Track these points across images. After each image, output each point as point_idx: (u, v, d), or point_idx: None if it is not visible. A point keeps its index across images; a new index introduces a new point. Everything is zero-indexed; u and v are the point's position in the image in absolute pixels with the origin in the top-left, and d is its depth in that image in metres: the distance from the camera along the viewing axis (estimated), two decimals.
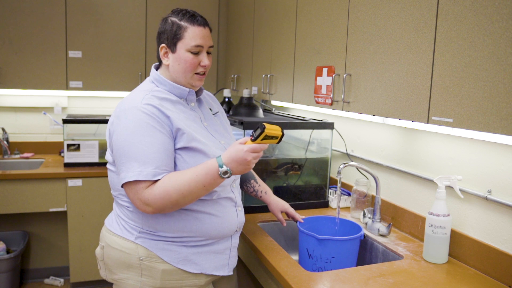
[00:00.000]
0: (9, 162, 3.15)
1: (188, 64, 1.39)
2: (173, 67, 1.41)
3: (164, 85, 1.42)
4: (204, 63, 1.41)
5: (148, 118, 1.30)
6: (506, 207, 1.40)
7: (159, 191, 1.26)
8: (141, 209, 1.30)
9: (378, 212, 1.82)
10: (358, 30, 1.59)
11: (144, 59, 3.24)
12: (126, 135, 1.31)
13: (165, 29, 1.40)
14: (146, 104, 1.32)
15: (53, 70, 3.04)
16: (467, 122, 1.13)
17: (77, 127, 3.02)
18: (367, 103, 1.54)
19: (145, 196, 1.27)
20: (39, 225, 3.26)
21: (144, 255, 1.37)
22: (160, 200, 1.26)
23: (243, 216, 1.51)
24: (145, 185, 1.27)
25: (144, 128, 1.29)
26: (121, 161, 1.31)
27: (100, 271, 1.52)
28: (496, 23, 1.04)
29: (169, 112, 1.34)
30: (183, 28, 1.37)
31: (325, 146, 2.21)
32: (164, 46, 1.41)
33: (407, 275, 1.41)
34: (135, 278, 1.39)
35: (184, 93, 1.43)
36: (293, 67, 2.12)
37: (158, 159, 1.28)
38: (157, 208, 1.28)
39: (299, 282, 1.34)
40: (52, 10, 2.99)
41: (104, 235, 1.48)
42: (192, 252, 1.39)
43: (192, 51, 1.38)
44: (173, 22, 1.39)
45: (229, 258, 1.48)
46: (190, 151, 1.35)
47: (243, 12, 2.97)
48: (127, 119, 1.32)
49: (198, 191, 1.29)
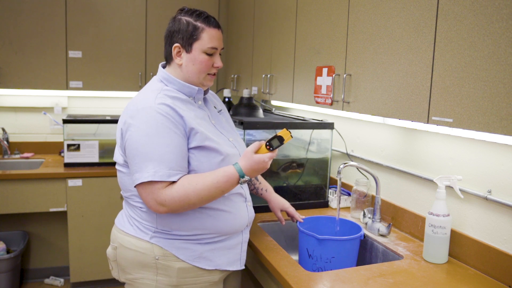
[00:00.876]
0: (9, 162, 3.15)
1: (204, 65, 1.41)
2: (187, 67, 1.41)
3: (174, 84, 1.43)
4: (217, 64, 1.44)
5: (163, 119, 1.31)
6: (506, 207, 1.40)
7: (179, 193, 1.28)
8: (153, 209, 1.31)
9: (378, 212, 1.82)
10: (358, 30, 1.59)
11: (144, 59, 3.24)
12: (141, 136, 1.31)
13: (179, 28, 1.39)
14: (160, 103, 1.33)
15: (53, 70, 3.04)
16: (467, 122, 1.13)
17: (77, 127, 3.02)
18: (367, 103, 1.54)
19: (161, 197, 1.28)
20: (39, 225, 3.26)
21: (159, 254, 1.39)
22: (178, 202, 1.29)
23: (253, 210, 1.55)
24: (161, 185, 1.29)
25: (159, 129, 1.30)
26: (135, 161, 1.32)
27: (112, 271, 1.52)
28: (496, 23, 1.04)
29: (182, 111, 1.35)
30: (200, 29, 1.38)
31: (325, 146, 2.21)
32: (178, 46, 1.41)
33: (407, 275, 1.41)
34: (151, 277, 1.40)
35: (193, 92, 1.44)
36: (293, 67, 2.12)
37: (173, 160, 1.29)
38: (172, 209, 1.31)
39: (299, 282, 1.34)
40: (52, 10, 2.99)
41: (116, 235, 1.49)
42: (206, 249, 1.42)
43: (208, 52, 1.40)
44: (189, 23, 1.39)
45: (240, 253, 1.51)
46: (203, 150, 1.37)
47: (243, 12, 2.97)
48: (141, 119, 1.32)
49: (216, 195, 1.33)
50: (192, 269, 1.41)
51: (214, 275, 1.45)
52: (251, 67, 2.75)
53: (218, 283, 1.49)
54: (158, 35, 3.23)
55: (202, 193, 1.29)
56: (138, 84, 3.24)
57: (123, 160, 1.42)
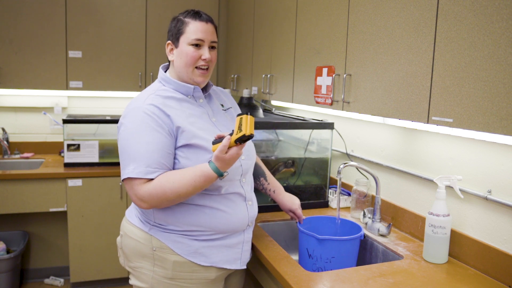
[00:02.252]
0: (9, 162, 3.15)
1: (189, 57, 1.43)
2: (177, 62, 1.46)
3: (171, 84, 1.48)
4: (204, 56, 1.43)
5: (147, 118, 1.36)
6: (506, 207, 1.40)
7: (156, 190, 1.33)
8: (136, 204, 1.38)
9: (378, 212, 1.82)
10: (358, 30, 1.59)
11: (144, 59, 3.24)
12: (126, 134, 1.39)
13: (171, 27, 1.48)
14: (148, 104, 1.39)
15: (53, 70, 3.04)
16: (467, 122, 1.13)
17: (77, 127, 3.02)
18: (367, 103, 1.54)
19: (140, 193, 1.34)
20: (39, 225, 3.26)
21: (157, 246, 1.44)
22: (156, 198, 1.34)
23: (255, 210, 1.55)
24: (139, 182, 1.34)
25: (142, 128, 1.36)
26: (121, 159, 1.40)
27: (120, 258, 1.60)
28: (496, 23, 1.04)
29: (171, 110, 1.40)
30: (185, 23, 1.44)
31: (325, 146, 2.21)
32: (170, 43, 1.48)
33: (407, 275, 1.41)
34: (148, 267, 1.45)
35: (189, 91, 1.48)
36: (293, 67, 2.12)
37: (150, 158, 1.34)
38: (152, 205, 1.36)
39: (299, 282, 1.34)
40: (52, 10, 2.99)
41: (123, 224, 1.56)
42: (203, 245, 1.44)
43: (193, 43, 1.42)
44: (178, 19, 1.46)
45: (241, 252, 1.52)
46: (192, 148, 1.40)
47: (243, 12, 2.97)
48: (130, 119, 1.39)
49: (194, 192, 1.36)
50: (188, 264, 1.43)
51: (211, 272, 1.46)
52: (251, 67, 2.75)
53: (216, 282, 1.49)
54: (158, 35, 3.23)
55: (180, 190, 1.33)
56: (138, 84, 3.24)
57: None
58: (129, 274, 1.55)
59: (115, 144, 3.15)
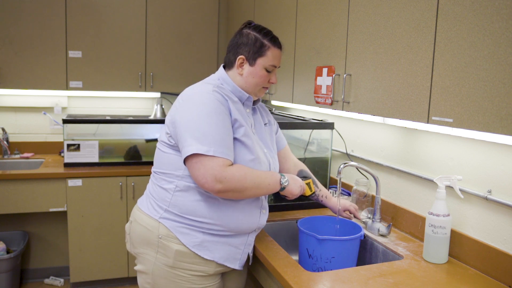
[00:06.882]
0: (9, 162, 3.15)
1: (262, 79, 1.52)
2: (247, 78, 1.52)
3: (229, 85, 1.53)
4: (273, 80, 1.55)
5: (217, 103, 1.41)
6: (506, 207, 1.40)
7: (240, 173, 1.37)
8: (207, 184, 1.35)
9: (378, 212, 1.82)
10: (358, 30, 1.59)
11: (144, 59, 3.24)
12: (199, 112, 1.39)
13: (247, 42, 1.50)
14: (215, 92, 1.44)
15: (53, 70, 3.04)
16: (467, 122, 1.13)
17: (77, 127, 3.02)
18: (367, 103, 1.54)
19: (223, 174, 1.34)
20: (39, 225, 3.26)
21: (163, 234, 1.47)
22: (236, 182, 1.36)
23: (265, 219, 1.59)
24: (222, 163, 1.35)
25: (217, 112, 1.39)
26: (194, 135, 1.36)
27: (127, 244, 1.63)
28: (496, 23, 1.04)
29: (231, 105, 1.46)
30: (266, 47, 1.50)
31: (325, 146, 2.21)
32: (243, 58, 1.51)
33: (407, 275, 1.41)
34: (152, 254, 1.49)
35: (243, 97, 1.53)
36: (293, 67, 2.12)
37: (228, 142, 1.39)
38: (227, 188, 1.35)
39: (299, 282, 1.34)
40: (52, 10, 2.99)
41: (134, 211, 1.60)
42: (208, 239, 1.47)
43: (268, 69, 1.51)
44: (257, 39, 1.50)
45: (242, 254, 1.55)
46: (240, 144, 1.45)
47: (243, 12, 2.97)
48: (198, 100, 1.41)
49: (261, 190, 1.44)
50: (190, 254, 1.46)
51: (210, 266, 1.49)
52: None
53: (212, 277, 1.51)
54: (158, 35, 3.23)
55: (257, 181, 1.40)
56: (138, 84, 3.24)
57: (168, 139, 1.48)
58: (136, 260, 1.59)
59: (115, 144, 3.16)
